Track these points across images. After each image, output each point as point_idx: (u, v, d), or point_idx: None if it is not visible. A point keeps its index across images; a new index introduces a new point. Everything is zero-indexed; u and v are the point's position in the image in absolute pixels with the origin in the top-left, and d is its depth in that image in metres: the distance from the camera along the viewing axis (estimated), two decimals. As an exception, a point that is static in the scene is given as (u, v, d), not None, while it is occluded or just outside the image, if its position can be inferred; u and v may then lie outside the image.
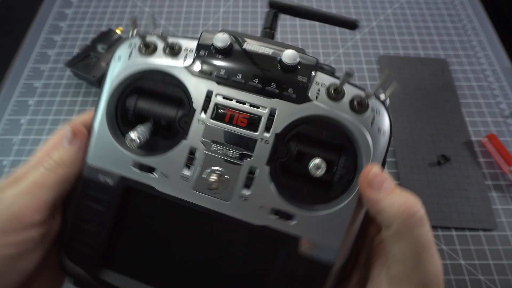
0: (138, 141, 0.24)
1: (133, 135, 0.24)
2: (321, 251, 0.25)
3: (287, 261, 0.25)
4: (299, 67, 0.25)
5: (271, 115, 0.25)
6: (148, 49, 0.27)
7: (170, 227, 0.28)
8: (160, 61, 0.26)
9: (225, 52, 0.26)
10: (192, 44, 0.27)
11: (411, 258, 0.21)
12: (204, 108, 0.25)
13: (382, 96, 0.26)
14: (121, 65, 0.27)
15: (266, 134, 0.25)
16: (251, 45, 0.26)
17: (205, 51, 0.26)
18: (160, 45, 0.27)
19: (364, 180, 0.23)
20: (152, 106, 0.27)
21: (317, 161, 0.24)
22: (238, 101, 0.25)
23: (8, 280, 0.25)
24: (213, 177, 0.25)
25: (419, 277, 0.21)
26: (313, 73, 0.25)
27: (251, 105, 0.25)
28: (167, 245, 0.28)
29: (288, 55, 0.24)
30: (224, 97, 0.25)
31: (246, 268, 0.27)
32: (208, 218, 0.26)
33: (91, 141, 0.27)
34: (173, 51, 0.26)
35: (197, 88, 0.25)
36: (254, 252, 0.27)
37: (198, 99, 0.25)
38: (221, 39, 0.25)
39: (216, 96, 0.25)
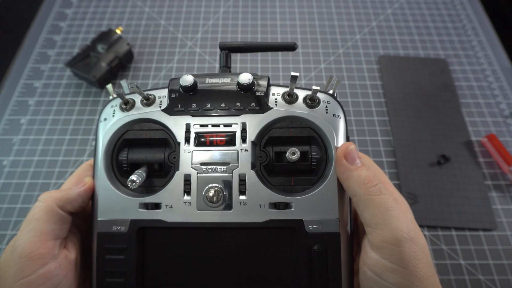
0: (138, 181, 0.27)
1: (133, 177, 0.27)
2: (325, 226, 0.28)
3: (301, 242, 0.28)
4: (254, 87, 0.30)
5: (243, 128, 0.29)
6: (128, 105, 0.31)
7: (190, 252, 0.29)
8: (140, 111, 0.31)
9: (192, 89, 0.30)
10: (164, 92, 0.31)
11: (379, 220, 0.25)
12: (187, 139, 0.29)
13: (331, 91, 0.31)
14: (107, 124, 0.31)
15: (244, 145, 0.29)
16: (212, 79, 0.31)
17: (175, 93, 0.31)
18: (137, 99, 0.31)
19: (341, 153, 0.28)
20: (142, 155, 0.30)
21: (291, 148, 0.28)
22: (213, 125, 0.29)
23: None
24: (211, 192, 0.28)
25: (391, 235, 0.25)
26: (268, 86, 0.31)
27: (225, 125, 0.29)
28: (193, 269, 0.29)
29: (243, 77, 0.29)
30: (201, 125, 0.29)
31: (270, 263, 0.29)
32: (221, 231, 0.29)
33: (97, 199, 0.29)
34: (149, 101, 0.31)
35: (177, 124, 0.30)
36: (271, 246, 0.29)
37: (179, 133, 0.29)
38: (186, 80, 0.30)
39: (193, 126, 0.29)
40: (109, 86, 0.31)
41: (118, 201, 0.29)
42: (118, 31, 0.64)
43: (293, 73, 0.28)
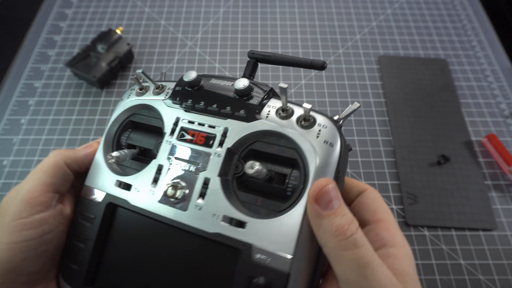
0: (115, 159, 0.29)
1: (113, 153, 0.29)
2: (274, 259, 0.24)
3: (243, 269, 0.25)
4: (252, 93, 0.29)
5: (225, 133, 0.28)
6: (142, 90, 0.33)
7: (145, 242, 0.29)
8: (148, 98, 0.32)
9: (194, 85, 0.31)
10: (174, 84, 0.32)
11: (352, 278, 0.22)
12: (172, 131, 0.30)
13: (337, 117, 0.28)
14: (121, 103, 0.33)
15: (219, 149, 0.28)
16: (216, 80, 0.31)
17: (180, 87, 0.31)
18: (152, 87, 0.33)
19: (313, 193, 0.24)
20: (138, 138, 0.32)
21: (250, 162, 0.25)
22: (199, 124, 0.29)
23: (34, 262, 0.28)
24: (170, 187, 0.27)
25: None
26: (265, 97, 0.29)
27: (209, 126, 0.29)
28: (142, 260, 0.29)
29: (238, 83, 0.28)
30: (189, 121, 0.30)
31: (209, 278, 0.27)
32: (174, 230, 0.28)
33: (91, 166, 0.32)
34: (159, 90, 0.32)
35: (169, 115, 0.30)
36: (214, 261, 0.27)
37: (168, 124, 0.30)
38: (189, 75, 0.30)
39: (182, 120, 0.30)
40: (140, 72, 0.32)
41: (103, 173, 0.31)
42: (118, 31, 0.64)
43: (280, 84, 0.25)
